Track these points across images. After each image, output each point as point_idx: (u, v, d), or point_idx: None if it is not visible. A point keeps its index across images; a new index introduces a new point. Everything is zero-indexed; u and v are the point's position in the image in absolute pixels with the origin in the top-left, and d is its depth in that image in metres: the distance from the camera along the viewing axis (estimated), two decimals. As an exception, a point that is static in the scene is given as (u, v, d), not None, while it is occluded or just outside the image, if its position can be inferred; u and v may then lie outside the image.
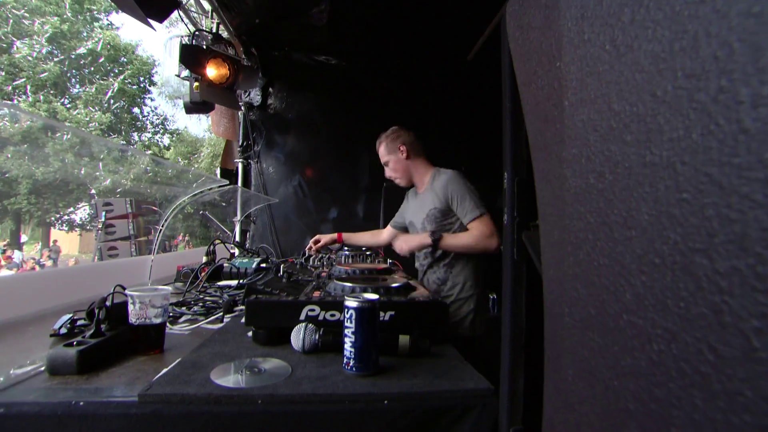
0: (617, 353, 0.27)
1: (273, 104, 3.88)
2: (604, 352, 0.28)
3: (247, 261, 1.71)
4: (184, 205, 2.28)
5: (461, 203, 1.73)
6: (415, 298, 0.88)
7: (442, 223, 1.80)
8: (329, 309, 0.83)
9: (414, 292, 0.99)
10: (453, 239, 1.70)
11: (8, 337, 1.01)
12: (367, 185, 3.87)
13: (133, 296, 0.81)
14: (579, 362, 0.32)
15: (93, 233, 7.25)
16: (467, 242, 1.67)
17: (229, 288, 1.45)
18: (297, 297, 0.87)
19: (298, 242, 3.83)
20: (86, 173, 12.80)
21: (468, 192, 1.74)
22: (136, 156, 14.88)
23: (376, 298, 0.71)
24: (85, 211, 15.03)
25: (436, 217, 1.81)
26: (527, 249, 0.57)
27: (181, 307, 1.16)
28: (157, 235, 1.87)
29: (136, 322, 0.80)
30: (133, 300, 0.80)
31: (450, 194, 1.77)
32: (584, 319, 0.31)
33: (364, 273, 1.29)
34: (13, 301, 1.26)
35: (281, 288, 0.96)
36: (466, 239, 1.67)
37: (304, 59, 3.83)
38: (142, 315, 0.80)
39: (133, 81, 16.68)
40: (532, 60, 0.46)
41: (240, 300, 1.08)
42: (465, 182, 1.79)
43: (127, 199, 5.38)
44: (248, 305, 0.83)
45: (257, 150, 3.82)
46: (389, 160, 1.96)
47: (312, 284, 1.06)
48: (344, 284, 0.97)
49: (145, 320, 0.80)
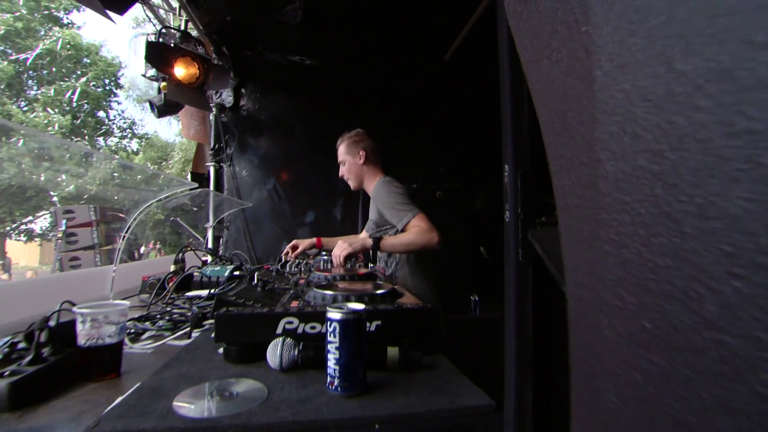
0: (695, 381, 0.20)
1: (246, 105, 3.74)
2: (672, 378, 0.22)
3: (220, 269, 1.60)
4: (150, 210, 2.13)
5: (391, 210, 1.74)
6: (403, 305, 0.81)
7: (376, 233, 1.86)
8: (309, 321, 0.75)
9: (401, 299, 0.92)
10: (394, 239, 1.69)
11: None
12: (345, 188, 3.72)
13: (82, 314, 0.70)
14: (627, 387, 0.26)
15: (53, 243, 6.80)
16: (408, 239, 1.65)
17: (198, 299, 1.34)
18: (273, 308, 0.79)
19: (274, 248, 3.70)
20: (46, 179, 12.13)
21: (395, 197, 1.75)
22: (102, 161, 14.23)
23: (361, 308, 0.64)
24: (46, 219, 14.21)
25: (372, 229, 1.90)
26: (534, 249, 0.51)
27: (144, 321, 1.05)
28: (120, 243, 1.73)
29: (86, 344, 0.70)
30: (83, 318, 0.70)
31: (378, 206, 1.81)
32: (634, 335, 0.25)
33: (344, 279, 1.21)
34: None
35: (255, 298, 0.87)
36: (407, 236, 1.66)
37: (277, 59, 3.72)
38: (93, 335, 0.69)
39: (98, 83, 15.96)
40: (542, 33, 0.39)
41: (210, 312, 0.98)
42: (390, 188, 1.80)
43: (90, 206, 5.08)
44: (218, 319, 0.74)
45: (230, 153, 3.68)
46: (346, 161, 1.99)
47: (289, 293, 0.98)
48: (325, 292, 0.89)
49: (97, 341, 0.70)
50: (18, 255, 15.53)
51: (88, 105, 15.69)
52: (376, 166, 1.98)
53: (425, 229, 1.64)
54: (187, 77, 2.87)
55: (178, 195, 2.30)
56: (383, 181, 1.86)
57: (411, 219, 1.67)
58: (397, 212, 1.71)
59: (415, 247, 1.66)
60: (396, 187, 1.80)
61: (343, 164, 2.01)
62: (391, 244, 1.66)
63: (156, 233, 16.39)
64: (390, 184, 1.82)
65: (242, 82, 3.71)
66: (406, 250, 1.73)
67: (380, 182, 1.86)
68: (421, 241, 1.63)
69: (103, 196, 12.84)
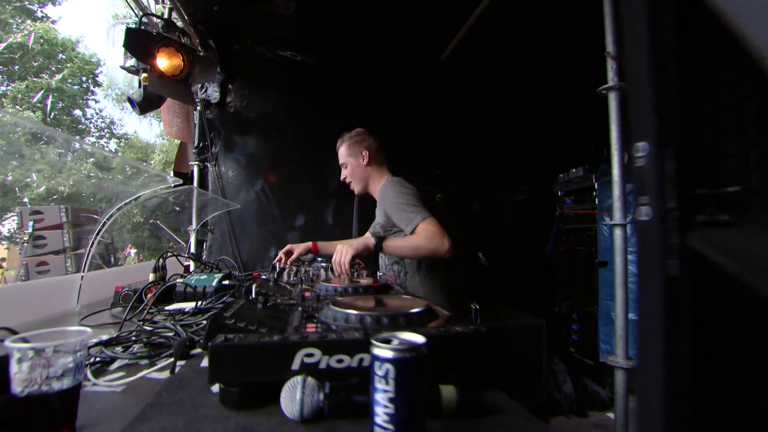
0: None
1: (233, 102, 3.53)
2: None
3: (206, 278, 1.40)
4: (128, 212, 1.90)
5: (399, 212, 1.58)
6: (451, 329, 0.64)
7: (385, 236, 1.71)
8: (335, 352, 0.57)
9: (438, 319, 0.75)
10: (400, 240, 1.53)
11: None
12: (337, 190, 3.60)
13: (19, 349, 0.50)
14: None
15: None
16: (416, 242, 1.49)
17: (181, 314, 1.14)
18: (285, 335, 0.60)
19: (261, 253, 3.48)
20: (14, 179, 11.51)
21: (404, 197, 1.61)
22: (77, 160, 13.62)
23: (421, 341, 0.46)
24: (13, 221, 13.47)
25: (384, 229, 1.73)
26: (696, 261, 0.35)
27: (115, 346, 0.85)
28: (89, 247, 1.50)
29: (23, 392, 0.49)
30: (21, 356, 0.50)
31: (386, 208, 1.66)
32: None
33: (358, 292, 1.03)
34: None
35: (258, 320, 0.68)
36: (414, 239, 1.50)
37: (267, 54, 3.52)
38: (35, 379, 0.49)
39: (74, 80, 15.31)
40: None
41: (200, 339, 0.78)
42: (399, 189, 1.66)
43: (61, 206, 4.73)
44: (214, 352, 0.55)
45: (215, 152, 3.45)
46: (348, 163, 1.83)
47: (298, 311, 0.79)
48: (347, 312, 0.70)
49: (41, 387, 0.50)
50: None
51: (63, 103, 15.04)
52: (381, 166, 1.83)
53: (435, 233, 1.48)
54: (171, 69, 2.64)
55: (159, 193, 2.07)
56: (391, 180, 1.72)
57: (420, 222, 1.51)
58: (405, 214, 1.55)
59: (423, 251, 1.50)
60: (405, 188, 1.65)
61: (344, 167, 1.85)
62: (397, 246, 1.50)
63: (134, 237, 15.78)
64: (399, 184, 1.68)
65: (229, 78, 3.50)
66: (412, 254, 1.57)
67: (388, 182, 1.71)
68: (430, 246, 1.47)
69: (78, 198, 12.27)
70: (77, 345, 0.54)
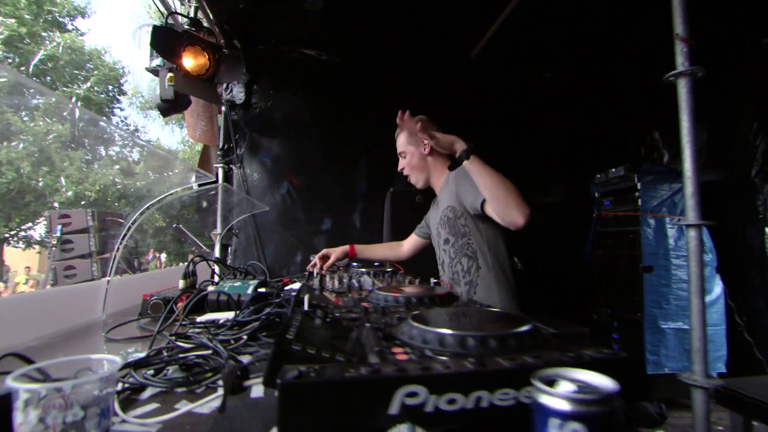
0: None
1: (257, 103, 3.45)
2: None
3: (240, 285, 1.27)
4: (151, 216, 1.81)
5: (469, 183, 1.38)
6: (583, 355, 0.48)
7: (454, 224, 1.54)
8: (444, 389, 0.42)
9: (554, 340, 0.59)
10: (488, 168, 1.30)
11: None
12: (365, 192, 3.48)
13: (29, 391, 0.37)
14: None
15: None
16: (503, 180, 1.28)
17: (215, 326, 1.01)
18: (373, 365, 0.45)
19: (286, 258, 3.37)
20: (46, 184, 11.83)
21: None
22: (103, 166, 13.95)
23: (614, 386, 0.31)
24: (44, 226, 13.84)
25: (448, 218, 1.55)
26: None
27: (146, 368, 0.72)
28: (115, 250, 1.40)
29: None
30: (27, 399, 0.37)
31: (457, 182, 1.48)
32: None
33: (423, 302, 0.88)
34: None
35: (325, 341, 0.54)
36: (503, 178, 1.29)
37: (292, 53, 3.43)
38: (47, 429, 0.36)
39: (101, 89, 15.73)
40: None
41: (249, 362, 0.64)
42: None
43: (88, 210, 4.74)
44: (286, 393, 0.40)
45: (240, 153, 3.37)
46: (407, 152, 1.68)
47: (366, 327, 0.64)
48: (440, 331, 0.55)
49: (55, 442, 0.37)
50: (17, 262, 15.12)
51: (88, 114, 15.43)
52: (443, 157, 1.66)
53: (518, 193, 1.29)
54: (197, 68, 2.57)
55: (187, 193, 1.98)
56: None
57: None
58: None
59: (504, 191, 1.28)
60: None
61: (402, 156, 1.69)
62: (480, 168, 1.29)
63: (157, 242, 16.04)
64: None
65: (254, 78, 3.42)
66: (494, 184, 1.30)
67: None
68: (514, 196, 1.27)
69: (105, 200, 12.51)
70: (102, 383, 0.40)
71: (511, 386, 0.45)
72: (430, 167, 1.67)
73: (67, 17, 14.95)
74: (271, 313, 0.96)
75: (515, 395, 0.45)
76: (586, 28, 3.06)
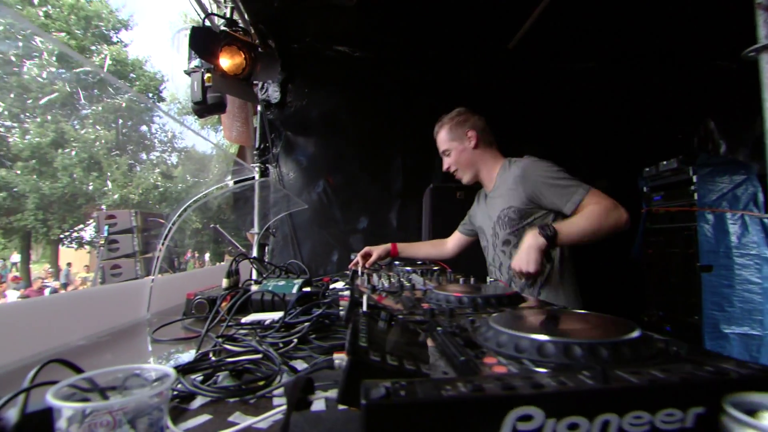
0: None
1: (292, 102, 3.43)
2: None
3: (284, 284, 1.21)
4: (188, 218, 1.79)
5: (554, 188, 1.34)
6: (739, 371, 0.37)
7: (518, 226, 1.44)
8: (566, 412, 0.33)
9: (671, 348, 0.48)
10: (573, 225, 1.25)
11: None
12: (401, 191, 3.39)
13: (71, 409, 0.31)
14: None
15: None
16: (593, 221, 1.23)
17: (262, 327, 0.95)
18: (472, 381, 0.36)
19: (322, 257, 3.34)
20: (95, 188, 12.52)
21: (555, 175, 1.36)
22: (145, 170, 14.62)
23: None
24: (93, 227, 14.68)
25: (511, 219, 1.45)
26: None
27: (194, 373, 0.66)
28: (160, 247, 1.39)
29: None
30: (72, 418, 0.30)
31: (533, 187, 1.38)
32: None
33: (490, 303, 0.78)
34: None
35: (402, 350, 0.46)
36: (589, 218, 1.24)
37: (326, 51, 3.39)
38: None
39: (141, 98, 16.51)
40: None
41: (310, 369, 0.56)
42: (546, 165, 1.41)
43: (132, 210, 4.92)
44: (372, 417, 0.32)
45: (276, 153, 3.36)
46: (451, 149, 1.58)
47: (438, 333, 0.55)
48: (535, 338, 0.46)
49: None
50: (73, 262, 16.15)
51: (131, 121, 16.22)
52: (491, 147, 1.59)
53: (609, 207, 1.25)
54: (233, 67, 2.58)
55: (229, 189, 1.97)
56: (531, 159, 1.47)
57: (585, 196, 1.28)
58: (563, 189, 1.32)
59: (604, 232, 1.24)
60: (551, 164, 1.42)
61: (447, 155, 1.61)
62: (573, 231, 1.23)
63: (194, 242, 16.63)
64: (542, 160, 1.44)
65: (289, 77, 3.41)
66: (593, 237, 1.25)
67: (529, 160, 1.47)
68: (610, 221, 1.23)
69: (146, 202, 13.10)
70: (155, 399, 0.33)
71: (644, 408, 0.36)
72: (478, 161, 1.58)
73: (112, 30, 15.79)
74: (322, 314, 0.88)
75: (650, 419, 0.35)
76: (631, 12, 2.85)
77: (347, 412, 0.53)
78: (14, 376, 0.84)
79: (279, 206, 3.00)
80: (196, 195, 1.79)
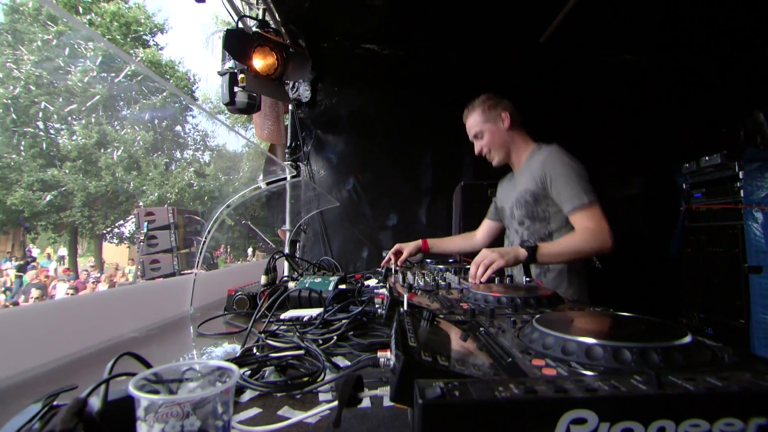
0: None
1: (323, 100, 3.48)
2: None
3: (321, 281, 1.24)
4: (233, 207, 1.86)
5: (561, 185, 1.35)
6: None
7: (532, 209, 1.46)
8: (620, 416, 0.33)
9: (724, 354, 0.47)
10: (555, 246, 1.27)
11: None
12: (431, 187, 3.38)
13: (148, 400, 0.34)
14: None
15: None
16: (575, 245, 1.25)
17: (301, 323, 0.98)
18: (524, 383, 0.37)
19: (353, 253, 3.38)
20: (135, 186, 13.17)
21: (571, 171, 1.36)
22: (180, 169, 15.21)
23: None
24: (132, 223, 15.45)
25: (527, 201, 1.47)
26: None
27: (243, 367, 0.69)
28: (201, 244, 1.45)
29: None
30: (148, 408, 0.33)
31: (546, 172, 1.39)
32: None
33: (530, 303, 0.77)
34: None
35: (449, 350, 0.46)
36: (573, 241, 1.26)
37: (356, 49, 3.42)
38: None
39: (174, 98, 17.12)
40: None
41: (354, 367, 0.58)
42: (569, 159, 1.41)
43: (169, 207, 5.14)
44: (429, 416, 0.33)
45: (307, 151, 3.42)
46: (485, 130, 1.58)
47: (481, 333, 0.56)
48: (585, 341, 0.45)
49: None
50: (111, 257, 17.07)
51: (166, 121, 16.87)
52: (522, 130, 1.60)
53: (596, 230, 1.24)
54: (266, 68, 2.64)
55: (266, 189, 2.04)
56: (559, 147, 1.47)
57: (584, 206, 1.28)
58: (572, 189, 1.32)
59: (583, 255, 1.28)
60: (574, 161, 1.41)
61: (479, 137, 1.60)
62: (553, 253, 1.24)
63: (226, 238, 17.18)
64: (567, 155, 1.43)
65: (319, 76, 3.45)
66: (571, 259, 1.30)
67: (557, 148, 1.47)
68: (593, 246, 1.24)
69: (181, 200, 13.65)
70: (221, 397, 0.35)
71: (702, 416, 0.35)
72: (510, 142, 1.58)
73: (149, 34, 16.45)
74: (362, 311, 0.90)
75: (708, 428, 0.35)
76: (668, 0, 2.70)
77: (393, 409, 0.54)
78: (83, 363, 0.90)
79: (311, 204, 3.06)
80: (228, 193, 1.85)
